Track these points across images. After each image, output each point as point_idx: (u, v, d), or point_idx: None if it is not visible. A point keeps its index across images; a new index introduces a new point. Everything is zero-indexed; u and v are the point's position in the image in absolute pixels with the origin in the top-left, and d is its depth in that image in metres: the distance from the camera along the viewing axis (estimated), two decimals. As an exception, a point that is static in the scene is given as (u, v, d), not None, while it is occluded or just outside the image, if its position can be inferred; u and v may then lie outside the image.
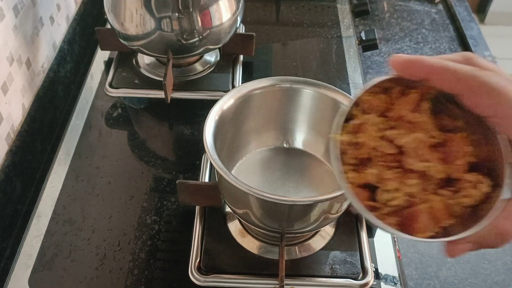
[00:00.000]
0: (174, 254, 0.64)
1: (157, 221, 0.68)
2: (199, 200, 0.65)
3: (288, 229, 0.58)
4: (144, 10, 0.73)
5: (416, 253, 0.67)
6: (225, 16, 0.77)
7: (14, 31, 0.73)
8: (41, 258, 0.63)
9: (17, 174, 0.72)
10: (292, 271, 0.60)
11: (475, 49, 1.01)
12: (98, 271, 0.62)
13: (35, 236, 0.66)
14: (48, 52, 0.85)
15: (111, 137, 0.80)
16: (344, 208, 0.58)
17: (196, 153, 0.77)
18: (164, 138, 0.82)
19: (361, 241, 0.63)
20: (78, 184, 0.72)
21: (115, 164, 0.75)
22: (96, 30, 0.86)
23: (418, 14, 1.12)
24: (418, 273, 0.65)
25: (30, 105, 0.78)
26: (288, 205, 0.53)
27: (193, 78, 0.86)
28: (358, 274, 0.60)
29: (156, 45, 0.77)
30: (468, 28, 1.06)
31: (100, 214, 0.68)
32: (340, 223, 0.65)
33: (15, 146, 0.73)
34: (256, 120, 0.66)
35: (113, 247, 0.65)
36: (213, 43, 0.80)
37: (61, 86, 0.90)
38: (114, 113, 0.84)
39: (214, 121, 0.58)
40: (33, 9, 0.79)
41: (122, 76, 0.85)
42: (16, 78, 0.73)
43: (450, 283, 0.64)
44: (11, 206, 0.71)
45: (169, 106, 0.81)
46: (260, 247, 0.63)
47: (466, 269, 0.65)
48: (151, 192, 0.71)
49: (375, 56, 1.01)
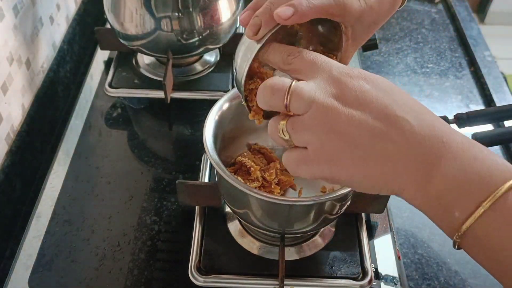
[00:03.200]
0: (174, 255, 0.64)
1: (157, 221, 0.68)
2: (199, 200, 0.65)
3: (288, 230, 0.58)
4: (144, 10, 0.73)
5: (416, 254, 0.67)
6: (225, 16, 0.77)
7: (14, 31, 0.72)
8: (41, 258, 0.63)
9: (17, 174, 0.72)
10: (292, 271, 0.60)
11: (475, 49, 1.01)
12: (98, 271, 0.62)
13: (35, 236, 0.66)
14: (48, 52, 0.85)
15: (111, 137, 0.80)
16: (344, 209, 0.58)
17: (196, 153, 0.77)
18: (164, 138, 0.82)
19: (361, 242, 0.63)
20: (77, 184, 0.72)
21: (115, 164, 0.75)
22: (96, 30, 0.86)
23: (418, 14, 1.12)
24: (418, 273, 0.65)
25: (30, 105, 0.78)
26: (288, 205, 0.53)
27: (193, 78, 0.85)
28: (358, 275, 0.60)
29: (156, 45, 0.77)
30: (468, 28, 1.06)
31: (100, 214, 0.68)
32: (340, 223, 0.65)
33: (15, 146, 0.73)
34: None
35: (113, 248, 0.65)
36: (213, 43, 0.80)
37: (61, 86, 0.89)
38: (114, 113, 0.84)
39: (214, 121, 0.58)
40: (33, 9, 0.79)
41: (122, 76, 0.85)
42: (16, 78, 0.73)
43: (450, 283, 0.64)
44: (11, 206, 0.71)
45: (169, 106, 0.81)
46: (260, 247, 0.63)
47: (466, 270, 0.65)
48: (151, 192, 0.71)
49: (375, 56, 1.01)
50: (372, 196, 0.64)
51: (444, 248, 0.68)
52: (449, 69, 0.98)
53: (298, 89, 0.38)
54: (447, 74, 0.97)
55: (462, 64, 0.99)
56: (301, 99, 0.38)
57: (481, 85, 0.94)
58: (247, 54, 0.42)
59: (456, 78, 0.96)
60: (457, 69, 0.98)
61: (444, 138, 0.36)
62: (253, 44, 0.42)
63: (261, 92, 0.41)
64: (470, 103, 0.91)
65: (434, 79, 0.96)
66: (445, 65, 0.99)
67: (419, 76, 0.97)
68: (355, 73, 0.38)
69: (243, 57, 0.43)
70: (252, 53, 0.42)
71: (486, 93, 0.92)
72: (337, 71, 0.39)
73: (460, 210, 0.36)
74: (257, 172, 0.61)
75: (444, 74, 0.97)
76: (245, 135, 0.66)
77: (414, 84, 0.95)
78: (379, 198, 0.64)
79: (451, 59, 1.01)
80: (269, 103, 0.40)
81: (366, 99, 0.37)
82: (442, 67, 0.99)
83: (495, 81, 0.93)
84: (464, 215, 0.35)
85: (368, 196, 0.64)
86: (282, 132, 0.40)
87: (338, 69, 0.39)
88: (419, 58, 1.01)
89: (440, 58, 1.01)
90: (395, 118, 0.37)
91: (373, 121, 0.37)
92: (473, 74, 0.97)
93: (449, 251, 0.67)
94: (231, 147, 0.65)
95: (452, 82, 0.95)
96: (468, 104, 0.91)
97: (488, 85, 0.92)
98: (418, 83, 0.95)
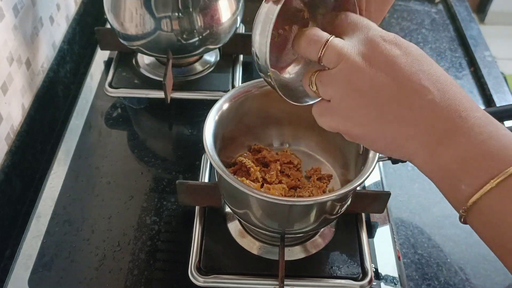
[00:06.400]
0: (173, 255, 0.64)
1: (157, 221, 0.68)
2: (199, 200, 0.65)
3: (288, 230, 0.58)
4: (144, 10, 0.73)
5: (416, 254, 0.67)
6: (225, 16, 0.77)
7: (13, 31, 0.72)
8: (41, 259, 0.63)
9: (17, 174, 0.72)
10: (292, 271, 0.60)
11: (475, 49, 1.01)
12: (98, 271, 0.62)
13: (34, 236, 0.66)
14: (47, 52, 0.85)
15: (111, 137, 0.80)
16: (344, 209, 0.58)
17: (196, 153, 0.77)
18: (164, 138, 0.82)
19: (361, 242, 0.63)
20: (77, 184, 0.72)
21: (114, 164, 0.75)
22: (96, 30, 0.86)
23: (418, 14, 1.12)
24: (418, 273, 0.65)
25: (30, 105, 0.78)
26: (288, 205, 0.53)
27: (193, 78, 0.85)
28: (358, 275, 0.60)
29: (156, 45, 0.77)
30: (468, 28, 1.06)
31: (100, 214, 0.68)
32: (340, 224, 0.65)
33: (15, 146, 0.72)
34: (256, 120, 0.66)
35: (113, 248, 0.65)
36: (213, 43, 0.80)
37: (61, 86, 0.89)
38: (114, 113, 0.84)
39: (214, 121, 0.58)
40: (33, 9, 0.79)
41: (122, 76, 0.84)
42: (15, 78, 0.73)
43: (450, 283, 0.64)
44: (11, 206, 0.71)
45: (169, 106, 0.81)
46: (260, 247, 0.63)
47: (466, 270, 0.65)
48: (150, 193, 0.71)
49: (375, 56, 1.01)
50: (372, 196, 0.64)
51: (444, 248, 0.68)
52: (449, 69, 0.98)
53: (333, 44, 0.40)
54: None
55: (462, 64, 0.99)
56: (334, 54, 0.40)
57: (481, 85, 0.94)
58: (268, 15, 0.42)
59: (456, 78, 0.96)
60: (457, 69, 0.98)
61: (464, 113, 0.37)
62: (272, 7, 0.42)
63: (300, 39, 0.43)
64: (470, 103, 0.91)
65: (434, 79, 0.96)
66: (445, 65, 0.99)
67: (419, 76, 0.97)
68: (390, 38, 0.40)
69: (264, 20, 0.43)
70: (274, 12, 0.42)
71: (486, 93, 0.92)
72: (373, 33, 0.40)
73: (467, 183, 0.36)
74: (257, 172, 0.61)
75: (444, 74, 0.97)
76: (245, 135, 0.66)
77: (414, 84, 0.95)
78: (379, 198, 0.64)
79: (451, 59, 1.01)
80: (305, 50, 0.43)
81: (393, 63, 0.38)
82: (442, 67, 0.97)
83: (495, 81, 0.93)
84: (471, 189, 0.36)
85: (368, 196, 0.64)
86: (311, 84, 0.43)
87: (374, 31, 0.40)
88: (419, 58, 1.00)
89: (440, 58, 1.00)
90: (418, 86, 0.38)
91: (396, 86, 0.38)
92: (473, 74, 0.97)
93: (449, 251, 0.67)
94: (231, 147, 0.65)
95: (452, 82, 0.95)
96: (468, 104, 0.91)
97: (488, 85, 0.92)
98: (418, 83, 0.95)
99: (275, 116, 0.66)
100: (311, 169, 0.66)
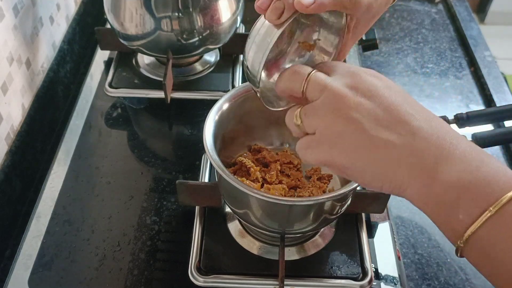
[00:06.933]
0: (173, 255, 0.64)
1: (157, 221, 0.68)
2: (199, 200, 0.65)
3: (288, 230, 0.58)
4: (144, 10, 0.73)
5: (416, 254, 0.67)
6: (225, 16, 0.77)
7: (13, 31, 0.72)
8: (41, 259, 0.63)
9: (17, 174, 0.72)
10: (292, 271, 0.60)
11: (475, 49, 1.01)
12: (98, 271, 0.62)
13: (34, 236, 0.66)
14: (47, 52, 0.85)
15: (111, 137, 0.80)
16: (344, 209, 0.58)
17: (196, 153, 0.77)
18: (164, 138, 0.82)
19: (361, 242, 0.63)
20: (77, 185, 0.72)
21: (114, 164, 0.75)
22: (96, 30, 0.86)
23: (418, 14, 1.12)
24: (418, 273, 0.65)
25: (30, 105, 0.78)
26: (288, 206, 0.53)
27: (193, 78, 0.85)
28: (358, 275, 0.60)
29: (156, 45, 0.77)
30: (468, 28, 1.06)
31: (100, 214, 0.68)
32: (340, 224, 0.65)
33: (15, 146, 0.72)
34: (256, 120, 0.66)
35: (113, 248, 0.65)
36: (213, 43, 0.80)
37: (61, 86, 0.89)
38: (114, 113, 0.84)
39: (213, 121, 0.58)
40: (33, 9, 0.79)
41: (122, 76, 0.84)
42: (15, 78, 0.73)
43: (450, 283, 0.64)
44: (11, 206, 0.71)
45: (169, 106, 0.81)
46: (260, 247, 0.63)
47: (467, 270, 0.65)
48: (151, 192, 0.71)
49: (375, 56, 1.01)
50: (372, 196, 0.64)
51: (444, 248, 0.68)
52: (449, 69, 0.98)
53: (316, 76, 0.41)
54: (447, 74, 0.97)
55: (462, 64, 0.99)
56: (316, 85, 0.40)
57: (481, 85, 0.94)
58: (266, 39, 0.42)
59: (456, 78, 0.96)
60: (457, 69, 0.98)
61: (453, 140, 0.37)
62: (272, 29, 0.42)
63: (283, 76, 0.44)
64: (470, 103, 0.91)
65: (434, 79, 0.96)
66: (445, 65, 0.99)
67: (419, 76, 0.97)
68: (372, 72, 0.41)
69: (261, 42, 0.43)
70: (273, 37, 0.42)
71: (486, 93, 0.92)
72: (355, 67, 0.41)
73: (464, 213, 0.35)
74: (257, 172, 0.61)
75: (444, 74, 0.97)
76: (245, 135, 0.66)
77: (414, 84, 0.95)
78: (379, 198, 0.64)
79: (451, 59, 1.01)
80: (289, 84, 0.43)
81: (377, 91, 0.39)
82: (442, 67, 0.99)
83: (495, 81, 0.93)
84: (468, 219, 0.34)
85: (368, 196, 0.64)
86: (296, 118, 0.42)
87: (355, 67, 0.42)
88: (419, 58, 1.01)
89: (440, 58, 1.01)
90: (404, 113, 0.37)
91: (381, 112, 0.38)
92: (473, 74, 0.97)
93: (449, 251, 0.67)
94: (231, 147, 0.65)
95: (452, 82, 0.95)
96: (468, 104, 0.91)
97: (488, 85, 0.92)
98: (418, 83, 0.95)
99: (275, 116, 0.66)
100: (311, 169, 0.66)
